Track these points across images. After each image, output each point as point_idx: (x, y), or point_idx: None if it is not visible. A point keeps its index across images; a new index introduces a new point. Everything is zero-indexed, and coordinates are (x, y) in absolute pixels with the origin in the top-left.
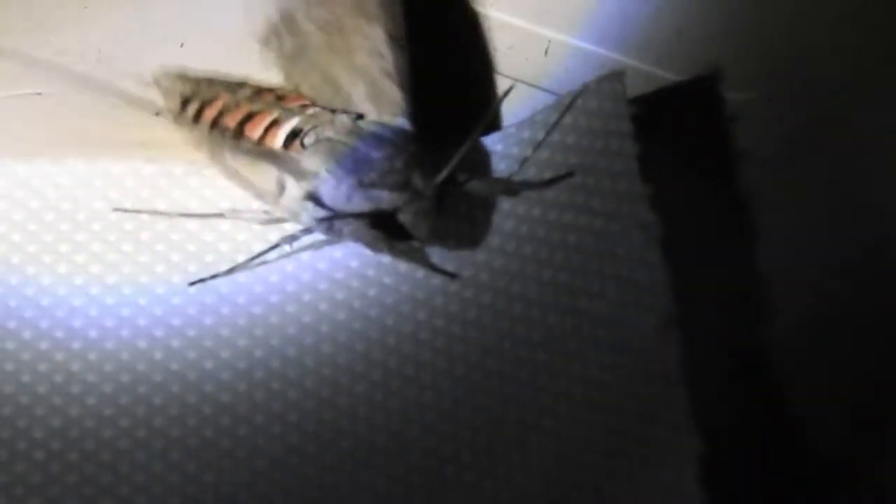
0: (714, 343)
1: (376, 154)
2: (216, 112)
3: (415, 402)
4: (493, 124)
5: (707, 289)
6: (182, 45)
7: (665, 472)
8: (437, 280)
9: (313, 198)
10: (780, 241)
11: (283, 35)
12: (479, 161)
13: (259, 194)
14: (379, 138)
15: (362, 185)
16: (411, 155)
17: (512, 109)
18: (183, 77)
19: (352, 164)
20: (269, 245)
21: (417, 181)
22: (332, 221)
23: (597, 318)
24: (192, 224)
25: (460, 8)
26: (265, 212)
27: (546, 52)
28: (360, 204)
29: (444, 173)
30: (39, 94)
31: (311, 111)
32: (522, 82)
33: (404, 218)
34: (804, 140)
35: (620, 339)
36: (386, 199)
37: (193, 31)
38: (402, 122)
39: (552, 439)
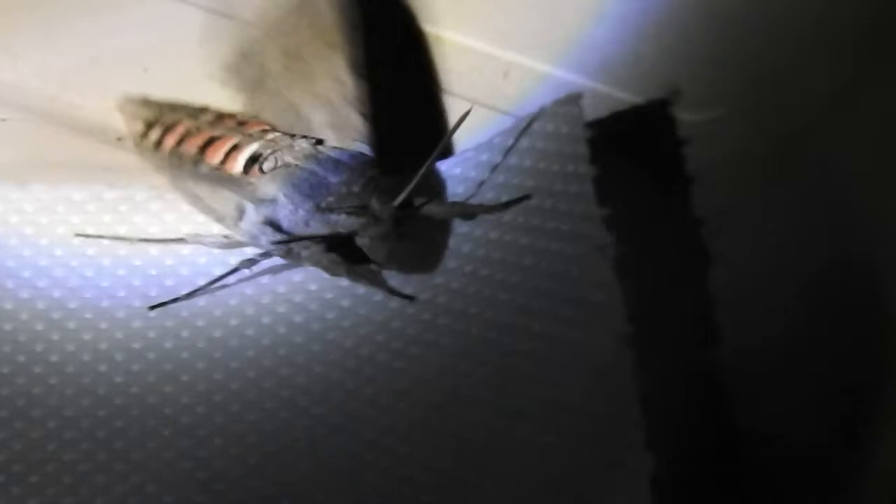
0: (670, 364)
1: (334, 178)
2: (178, 137)
3: (373, 425)
4: (451, 148)
5: (663, 309)
6: (146, 70)
7: (619, 493)
8: (395, 303)
9: (272, 222)
10: (737, 262)
11: (245, 62)
12: (437, 185)
13: (219, 219)
14: (337, 163)
15: (320, 209)
16: (369, 179)
17: (471, 133)
18: (145, 103)
19: (310, 188)
20: (229, 269)
21: (375, 205)
22: (291, 245)
23: (553, 338)
24: (154, 249)
25: (418, 33)
26: (225, 236)
27: (506, 76)
28: (317, 228)
29: (401, 197)
30: (4, 119)
31: (270, 136)
32: (482, 105)
33: (362, 242)
34: (761, 161)
35: (576, 360)
36: (344, 223)
37: (157, 56)
38: (361, 147)
39: (509, 460)
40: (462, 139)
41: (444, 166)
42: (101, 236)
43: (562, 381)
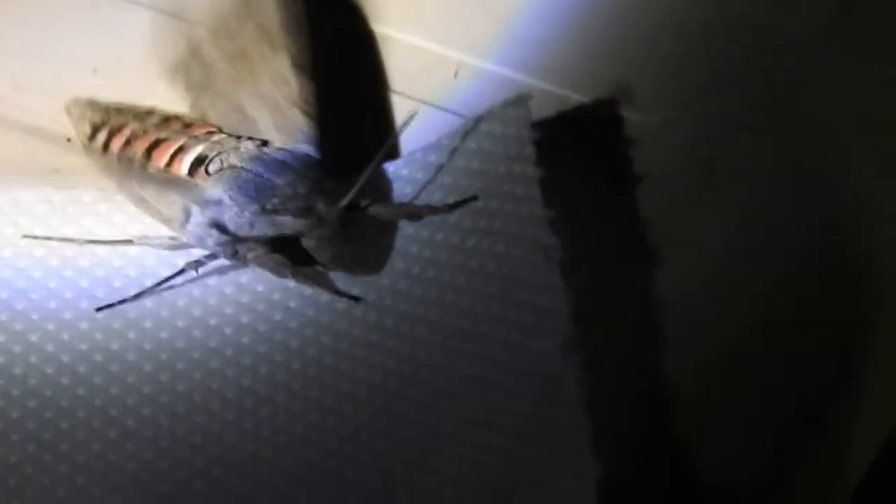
0: (614, 366)
1: (280, 180)
2: (124, 139)
3: (318, 426)
4: (398, 149)
5: (609, 312)
6: (95, 71)
7: (564, 496)
8: (341, 304)
9: (218, 224)
10: (681, 263)
11: (191, 63)
12: (383, 186)
13: (166, 220)
14: (282, 164)
15: (265, 211)
16: (315, 181)
17: (421, 133)
18: (93, 105)
19: (255, 190)
20: (176, 270)
21: (321, 207)
22: (237, 247)
23: (498, 341)
24: (101, 250)
25: (365, 33)
26: (172, 238)
27: (455, 75)
28: (263, 229)
29: (347, 198)
30: None
31: (216, 138)
32: (431, 105)
33: (308, 243)
34: (707, 162)
35: (522, 363)
36: (289, 224)
37: (105, 59)
38: (306, 148)
39: (453, 462)
40: (410, 140)
41: (391, 167)
42: (48, 238)
43: (507, 385)
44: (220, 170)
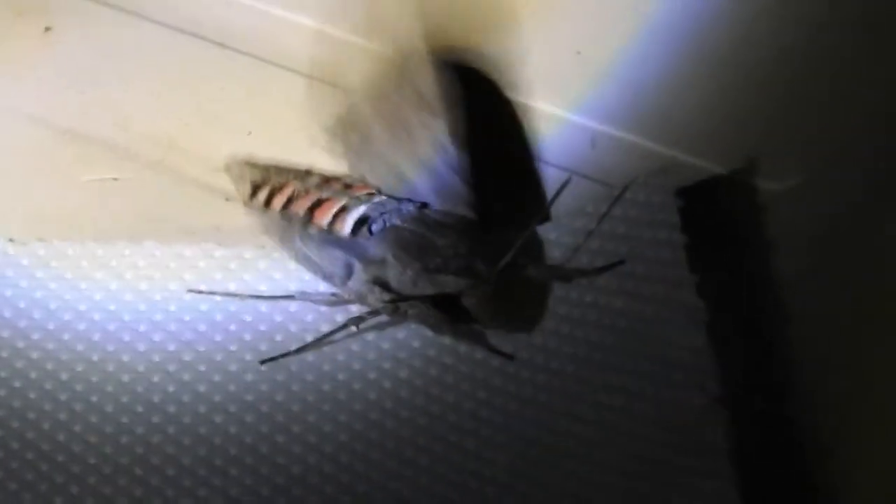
0: (757, 421)
1: (441, 241)
2: (286, 198)
3: (476, 476)
4: (548, 214)
5: (749, 369)
6: (249, 134)
7: None
8: (495, 361)
9: (380, 282)
10: (811, 324)
11: (349, 126)
12: (535, 249)
13: (327, 277)
14: (443, 226)
15: (428, 270)
16: (474, 242)
17: (561, 198)
18: (252, 164)
19: (417, 250)
20: (336, 325)
21: (480, 267)
22: (398, 304)
23: (646, 397)
24: (263, 305)
25: (511, 102)
26: (333, 294)
27: (593, 145)
28: (425, 288)
29: (505, 259)
30: (116, 179)
31: (377, 199)
32: (573, 173)
33: (468, 302)
34: (839, 229)
35: (668, 417)
36: (451, 283)
37: (260, 120)
38: (464, 210)
39: None
40: (554, 206)
41: (540, 231)
42: (212, 292)
43: (657, 438)
44: (383, 230)
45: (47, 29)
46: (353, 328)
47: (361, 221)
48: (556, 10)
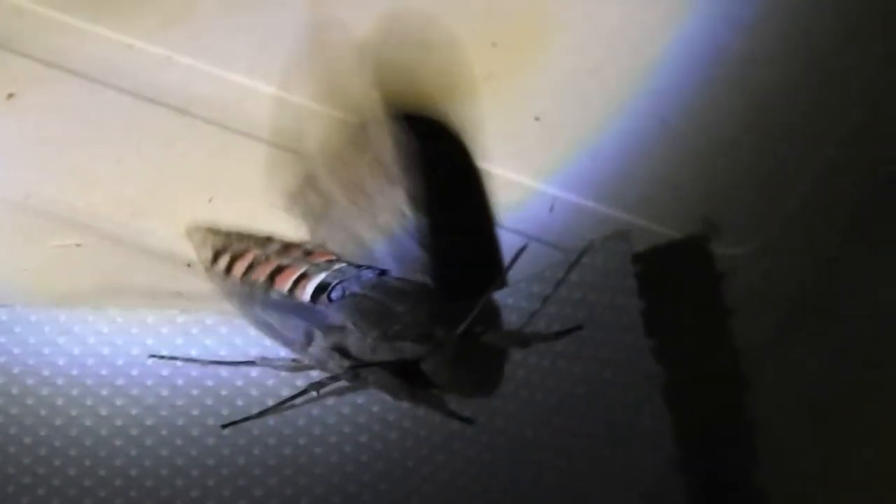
0: (716, 482)
1: (400, 308)
2: (247, 265)
3: None
4: (504, 279)
5: (708, 433)
6: (210, 201)
7: None
8: (454, 425)
9: (340, 348)
10: (776, 390)
11: (309, 193)
12: (493, 314)
13: (287, 343)
14: (402, 292)
15: (387, 336)
16: (432, 308)
17: (518, 263)
18: (214, 231)
19: (377, 317)
20: (297, 390)
21: (439, 333)
22: (358, 370)
23: (606, 461)
24: (224, 370)
25: (472, 169)
26: (293, 360)
27: (551, 209)
28: (384, 354)
29: (463, 325)
30: (79, 244)
31: (337, 266)
32: (531, 238)
33: (427, 367)
34: (799, 294)
35: (629, 481)
36: (410, 349)
37: (221, 186)
38: (422, 277)
39: None
40: (512, 270)
41: (497, 296)
42: (174, 358)
43: (614, 501)
44: (343, 297)
45: (10, 95)
46: (314, 393)
47: (321, 288)
48: (514, 77)
